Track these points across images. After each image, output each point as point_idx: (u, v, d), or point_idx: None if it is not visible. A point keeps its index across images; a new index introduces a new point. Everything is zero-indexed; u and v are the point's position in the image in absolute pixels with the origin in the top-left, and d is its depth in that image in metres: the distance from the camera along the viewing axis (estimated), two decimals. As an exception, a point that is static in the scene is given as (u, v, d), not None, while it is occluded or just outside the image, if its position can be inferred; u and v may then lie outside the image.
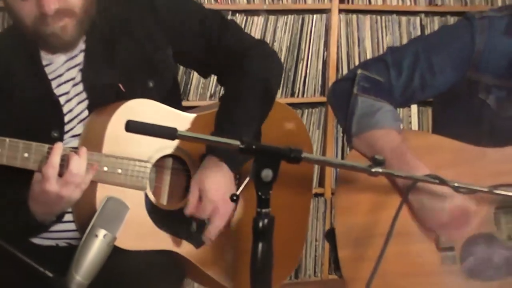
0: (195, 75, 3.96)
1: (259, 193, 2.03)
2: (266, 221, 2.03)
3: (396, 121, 2.58)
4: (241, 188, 2.40)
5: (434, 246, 2.48)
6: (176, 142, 2.55)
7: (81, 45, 2.58)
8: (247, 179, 2.22)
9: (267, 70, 2.76)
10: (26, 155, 2.34)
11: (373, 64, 2.67)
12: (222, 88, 2.87)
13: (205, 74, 2.98)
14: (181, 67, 3.67)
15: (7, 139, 2.32)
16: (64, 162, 2.32)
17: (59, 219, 2.48)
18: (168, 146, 2.56)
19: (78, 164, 2.33)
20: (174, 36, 2.68)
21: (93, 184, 2.43)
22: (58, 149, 2.32)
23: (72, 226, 2.53)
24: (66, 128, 2.55)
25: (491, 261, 2.46)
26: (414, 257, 2.47)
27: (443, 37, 2.73)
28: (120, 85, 2.56)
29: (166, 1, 2.69)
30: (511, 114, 2.58)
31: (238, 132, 2.54)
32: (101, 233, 2.14)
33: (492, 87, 2.60)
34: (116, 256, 2.32)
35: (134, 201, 2.46)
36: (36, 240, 2.55)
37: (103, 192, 2.42)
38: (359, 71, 2.63)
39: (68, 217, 2.52)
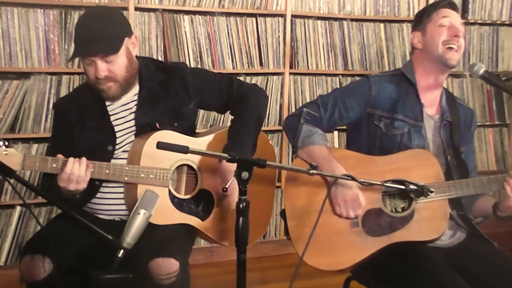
0: (201, 111, 3.94)
1: (240, 187, 2.06)
2: (244, 204, 2.06)
3: (325, 141, 2.60)
4: (229, 183, 2.41)
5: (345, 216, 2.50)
6: (188, 156, 2.52)
7: (133, 97, 2.58)
8: (232, 178, 2.22)
9: (260, 103, 2.77)
10: (92, 170, 2.35)
11: (310, 105, 2.67)
12: (222, 116, 2.86)
13: (221, 112, 2.93)
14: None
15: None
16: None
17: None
18: (182, 159, 2.54)
19: (74, 168, 2.31)
20: (197, 97, 2.67)
21: (134, 185, 2.44)
22: (69, 162, 2.32)
23: (123, 207, 2.51)
24: (117, 146, 2.54)
25: (380, 224, 2.46)
26: (334, 224, 2.46)
27: (352, 87, 2.75)
28: (157, 124, 2.54)
29: (191, 75, 2.66)
30: (393, 133, 2.60)
31: (245, 142, 2.60)
32: (142, 211, 2.15)
33: (382, 117, 2.62)
34: (154, 227, 2.36)
35: (161, 194, 2.44)
36: (101, 216, 2.53)
37: (141, 189, 2.40)
38: (304, 109, 2.65)
39: (121, 201, 2.52)
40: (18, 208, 3.70)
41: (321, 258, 2.44)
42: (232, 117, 2.77)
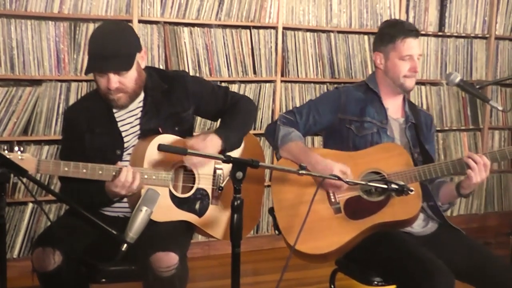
0: (198, 118, 3.93)
1: (235, 186, 2.05)
2: (239, 201, 2.05)
3: (301, 139, 2.67)
4: (225, 182, 2.40)
5: (329, 205, 2.53)
6: (185, 158, 2.51)
7: (138, 104, 2.58)
8: (228, 177, 2.21)
9: (249, 110, 2.77)
10: (100, 172, 2.36)
11: (287, 113, 2.76)
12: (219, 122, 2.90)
13: (214, 119, 2.93)
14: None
15: (89, 164, 2.35)
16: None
17: (121, 199, 2.48)
18: (181, 161, 2.52)
19: (127, 176, 2.35)
20: (196, 103, 2.67)
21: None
22: (122, 169, 2.36)
23: (126, 205, 2.52)
24: (125, 150, 2.54)
25: (360, 209, 2.50)
26: (320, 211, 2.51)
27: (323, 97, 2.86)
28: (160, 128, 2.55)
29: (192, 83, 2.66)
30: (364, 134, 2.67)
31: (230, 135, 2.60)
32: (144, 208, 2.12)
33: (352, 121, 2.70)
34: (155, 223, 2.36)
35: (162, 193, 2.43)
36: (107, 212, 2.53)
37: (144, 189, 2.38)
38: (280, 114, 2.76)
39: (125, 199, 2.51)
40: (30, 205, 3.69)
41: (310, 243, 2.47)
42: None
